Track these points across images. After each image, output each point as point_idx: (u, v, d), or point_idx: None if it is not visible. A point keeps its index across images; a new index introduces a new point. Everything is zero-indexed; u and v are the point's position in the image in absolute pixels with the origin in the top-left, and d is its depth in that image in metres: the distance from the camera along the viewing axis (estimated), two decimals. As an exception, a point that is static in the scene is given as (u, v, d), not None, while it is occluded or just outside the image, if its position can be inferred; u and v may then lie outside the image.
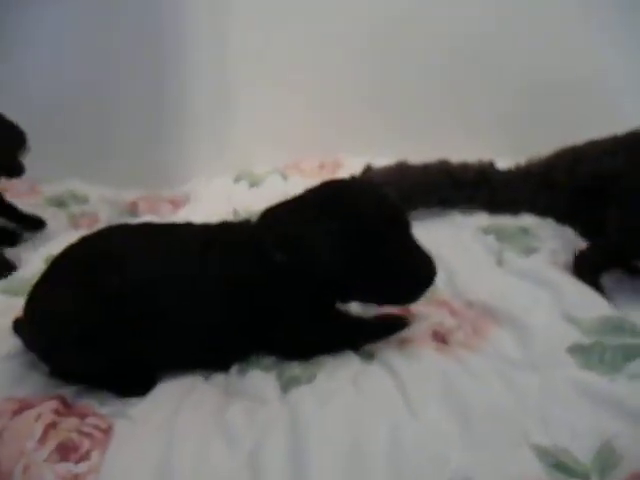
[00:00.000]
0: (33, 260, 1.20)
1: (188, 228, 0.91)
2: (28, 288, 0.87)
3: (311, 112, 1.78)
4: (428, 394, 0.77)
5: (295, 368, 0.84)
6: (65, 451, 0.72)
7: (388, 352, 0.88)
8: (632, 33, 1.66)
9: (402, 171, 1.48)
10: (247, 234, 0.86)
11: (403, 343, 0.90)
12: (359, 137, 1.73)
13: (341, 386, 0.79)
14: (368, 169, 1.49)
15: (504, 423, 0.73)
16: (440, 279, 1.08)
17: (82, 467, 0.70)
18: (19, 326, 0.91)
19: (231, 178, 1.58)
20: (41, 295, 0.83)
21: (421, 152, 1.51)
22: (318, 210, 0.81)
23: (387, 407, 0.74)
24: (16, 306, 0.99)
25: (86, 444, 0.73)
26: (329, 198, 0.83)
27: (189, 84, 1.77)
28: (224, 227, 0.91)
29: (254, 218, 0.88)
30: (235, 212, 1.39)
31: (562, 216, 1.40)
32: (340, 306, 0.91)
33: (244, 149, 1.72)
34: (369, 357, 0.88)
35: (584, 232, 1.30)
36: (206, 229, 0.89)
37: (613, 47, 1.67)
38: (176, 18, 1.75)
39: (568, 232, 1.32)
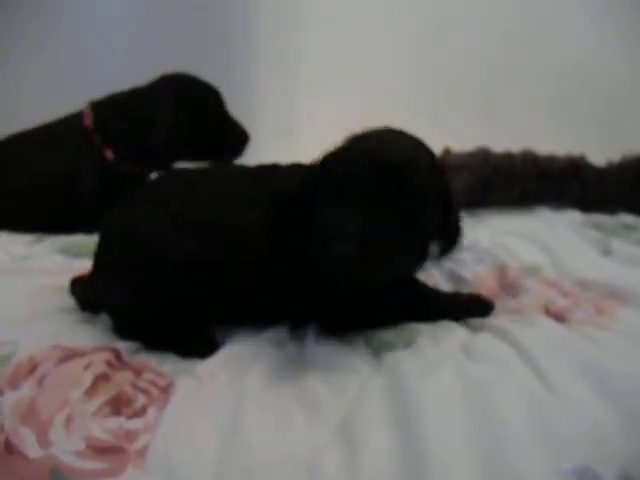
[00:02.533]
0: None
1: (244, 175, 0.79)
2: (87, 249, 0.80)
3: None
4: (563, 366, 0.61)
5: (386, 333, 0.70)
6: (116, 404, 0.60)
7: (497, 321, 0.73)
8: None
9: (484, 156, 1.35)
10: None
11: (512, 314, 0.76)
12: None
13: (449, 352, 0.65)
14: (447, 152, 1.37)
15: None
16: (543, 259, 0.95)
17: (136, 423, 0.58)
18: (77, 286, 0.82)
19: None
20: (130, 236, 0.73)
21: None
22: None
23: (516, 379, 0.59)
24: (74, 267, 0.94)
25: (141, 399, 0.61)
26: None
27: (254, 77, 1.75)
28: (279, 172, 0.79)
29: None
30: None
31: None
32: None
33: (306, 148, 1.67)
34: (475, 325, 0.73)
35: None
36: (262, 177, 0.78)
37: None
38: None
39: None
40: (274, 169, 0.79)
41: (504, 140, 1.43)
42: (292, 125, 1.80)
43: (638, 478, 0.46)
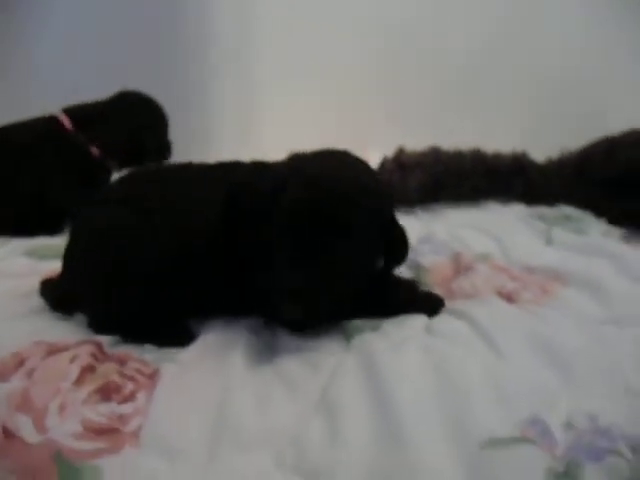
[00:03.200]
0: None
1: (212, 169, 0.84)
2: (52, 252, 0.81)
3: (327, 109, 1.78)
4: (512, 337, 0.69)
5: (353, 321, 0.76)
6: (106, 392, 0.63)
7: (455, 304, 0.80)
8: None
9: (435, 155, 1.44)
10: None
11: (468, 297, 0.83)
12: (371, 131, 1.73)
13: (413, 333, 0.71)
14: (401, 151, 1.44)
15: (599, 367, 0.65)
16: (493, 248, 1.03)
17: (126, 408, 0.61)
18: (47, 287, 0.84)
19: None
20: (99, 228, 0.76)
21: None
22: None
23: (472, 350, 0.66)
24: (41, 270, 0.95)
25: (130, 386, 0.65)
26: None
27: (212, 68, 1.77)
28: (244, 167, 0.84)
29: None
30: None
31: (598, 208, 1.36)
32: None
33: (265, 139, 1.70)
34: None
35: (620, 223, 1.26)
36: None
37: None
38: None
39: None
40: (235, 166, 0.84)
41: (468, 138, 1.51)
42: (251, 126, 1.83)
43: (579, 424, 0.53)
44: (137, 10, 1.75)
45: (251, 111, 1.84)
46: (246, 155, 0.89)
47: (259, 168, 0.82)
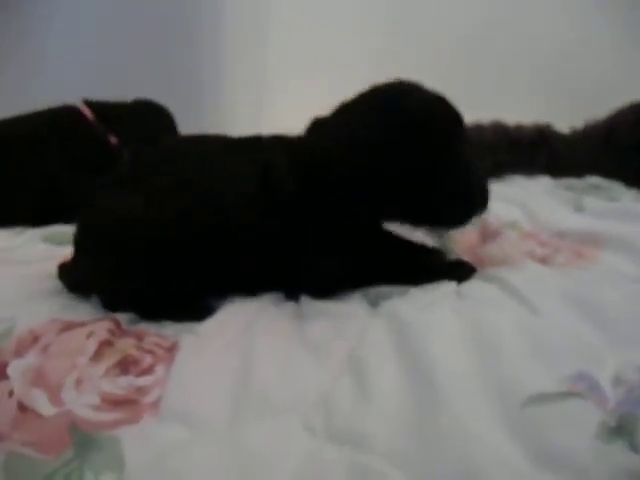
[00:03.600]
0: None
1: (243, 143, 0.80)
2: (69, 238, 0.79)
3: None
4: (548, 296, 0.65)
5: (380, 287, 0.72)
6: (124, 365, 0.61)
7: (485, 269, 0.76)
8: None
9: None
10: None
11: (499, 263, 0.79)
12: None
13: (443, 296, 0.68)
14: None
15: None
16: (520, 216, 0.99)
17: (145, 380, 0.58)
18: (64, 271, 0.82)
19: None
20: (109, 204, 0.73)
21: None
22: (375, 115, 0.69)
23: (507, 310, 0.62)
24: (59, 255, 0.92)
25: (148, 359, 0.62)
26: (385, 101, 0.70)
27: (223, 63, 1.75)
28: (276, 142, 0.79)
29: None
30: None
31: (628, 177, 1.30)
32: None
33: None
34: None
35: None
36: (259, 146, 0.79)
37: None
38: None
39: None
40: (257, 140, 0.80)
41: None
42: (262, 124, 1.82)
43: (629, 378, 0.49)
44: (144, 7, 1.75)
45: (261, 110, 1.84)
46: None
47: (281, 144, 0.78)
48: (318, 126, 0.75)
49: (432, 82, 0.73)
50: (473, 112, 1.55)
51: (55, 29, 1.77)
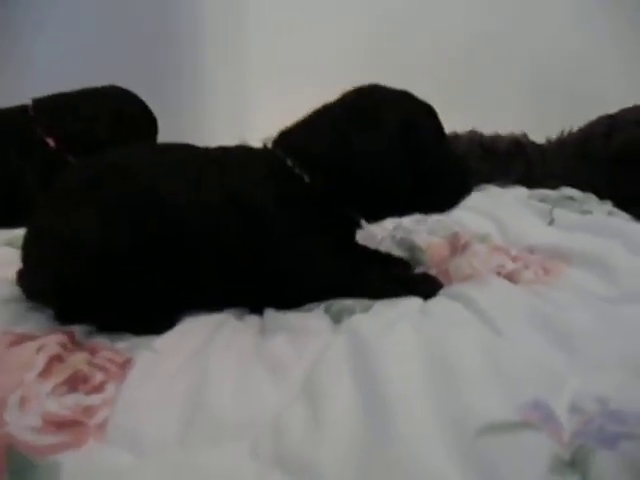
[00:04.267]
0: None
1: (200, 151, 0.79)
2: None
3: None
4: (513, 316, 0.64)
5: (344, 301, 0.71)
6: (73, 382, 0.58)
7: (452, 285, 0.75)
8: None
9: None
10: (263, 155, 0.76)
11: (466, 279, 0.78)
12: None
13: (406, 313, 0.66)
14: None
15: (608, 347, 0.59)
16: (490, 227, 0.98)
17: (94, 399, 0.56)
18: (22, 276, 0.78)
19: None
20: (54, 219, 0.70)
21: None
22: (360, 120, 0.72)
23: (469, 331, 0.61)
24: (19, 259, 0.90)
25: (99, 376, 0.60)
26: (367, 106, 0.74)
27: (205, 67, 1.74)
28: (241, 150, 0.80)
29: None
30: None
31: (602, 189, 1.31)
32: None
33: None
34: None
35: (624, 204, 1.21)
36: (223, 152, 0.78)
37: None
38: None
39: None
40: (220, 150, 0.79)
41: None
42: (243, 124, 1.81)
43: (587, 408, 0.48)
44: (132, 8, 1.73)
45: (243, 110, 1.82)
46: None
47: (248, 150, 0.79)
48: (285, 136, 0.75)
49: (414, 88, 0.77)
50: (469, 122, 1.58)
51: (46, 33, 1.75)
